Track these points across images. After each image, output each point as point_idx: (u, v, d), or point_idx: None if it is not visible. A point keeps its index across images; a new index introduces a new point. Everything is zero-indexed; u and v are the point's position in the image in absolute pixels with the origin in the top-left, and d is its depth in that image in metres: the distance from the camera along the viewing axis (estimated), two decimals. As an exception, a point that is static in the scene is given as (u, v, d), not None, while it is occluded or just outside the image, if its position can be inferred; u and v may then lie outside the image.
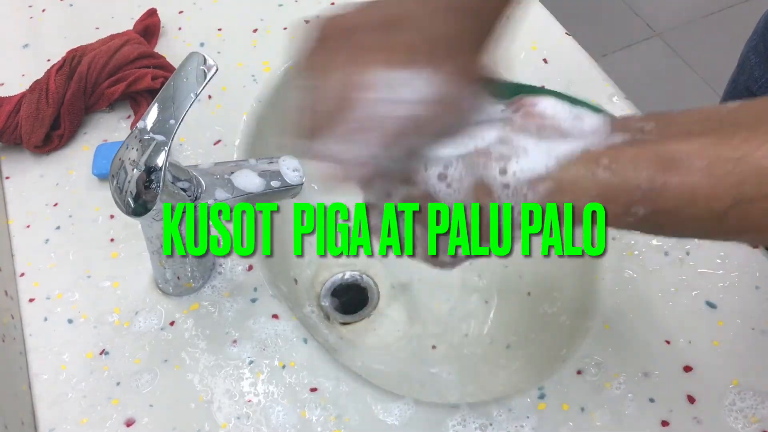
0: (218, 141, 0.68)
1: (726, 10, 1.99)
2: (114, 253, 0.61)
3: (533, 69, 0.72)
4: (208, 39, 0.76)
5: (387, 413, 0.52)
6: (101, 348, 0.56)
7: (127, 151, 0.47)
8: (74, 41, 0.73)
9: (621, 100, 0.69)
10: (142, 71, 0.69)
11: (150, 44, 0.75)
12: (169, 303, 0.58)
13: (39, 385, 0.54)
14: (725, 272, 0.58)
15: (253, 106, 0.71)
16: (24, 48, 0.77)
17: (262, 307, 0.58)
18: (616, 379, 0.53)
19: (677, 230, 0.34)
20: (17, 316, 0.58)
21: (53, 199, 0.65)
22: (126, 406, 0.53)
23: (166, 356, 0.55)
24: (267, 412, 0.53)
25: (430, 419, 0.52)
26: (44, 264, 0.61)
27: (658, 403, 0.52)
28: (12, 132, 0.67)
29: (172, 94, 0.47)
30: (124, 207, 0.48)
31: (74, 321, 0.58)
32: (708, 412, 0.51)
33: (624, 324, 0.56)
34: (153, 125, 0.47)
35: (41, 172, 0.67)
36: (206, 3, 0.80)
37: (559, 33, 0.76)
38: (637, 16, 2.01)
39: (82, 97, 0.68)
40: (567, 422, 0.51)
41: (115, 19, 0.78)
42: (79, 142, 0.69)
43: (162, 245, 0.54)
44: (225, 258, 0.60)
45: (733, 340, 0.54)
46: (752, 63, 0.72)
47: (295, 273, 0.71)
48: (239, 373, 0.55)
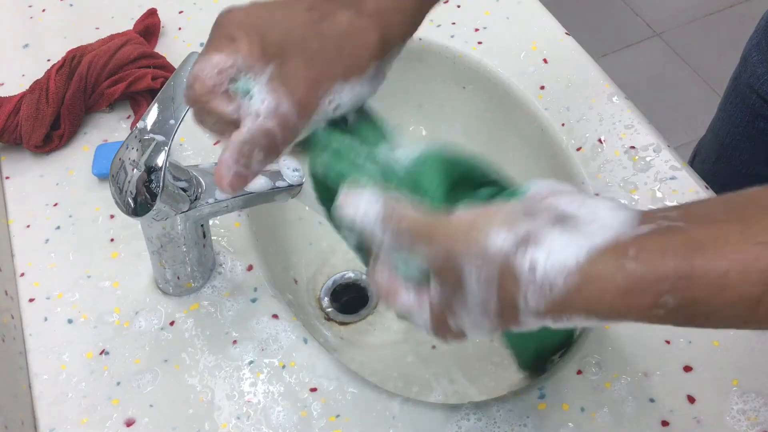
0: (218, 141, 0.68)
1: (726, 10, 1.99)
2: (114, 253, 0.61)
3: (533, 69, 0.72)
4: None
5: (387, 413, 0.52)
6: (101, 348, 0.56)
7: (127, 151, 0.47)
8: (74, 41, 0.73)
9: (621, 100, 0.69)
10: (142, 71, 0.69)
11: (150, 44, 0.75)
12: (169, 303, 0.58)
13: (39, 385, 0.54)
14: (725, 272, 0.58)
15: (253, 106, 0.71)
16: (24, 48, 0.77)
17: (262, 307, 0.58)
18: (616, 379, 0.53)
19: (709, 320, 0.32)
20: (17, 316, 0.58)
21: (53, 199, 0.65)
22: (126, 406, 0.53)
23: (166, 356, 0.55)
24: (267, 412, 0.53)
25: (431, 419, 0.52)
26: (44, 264, 0.61)
27: (658, 403, 0.52)
28: (12, 132, 0.67)
29: (172, 94, 0.47)
30: (124, 207, 0.48)
31: (74, 321, 0.58)
32: (708, 412, 0.51)
33: (624, 324, 0.56)
34: (153, 125, 0.47)
35: (41, 172, 0.67)
36: (206, 3, 0.80)
37: (559, 33, 0.76)
38: (637, 16, 2.01)
39: (82, 97, 0.68)
40: (567, 422, 0.51)
41: (115, 19, 0.78)
42: (79, 142, 0.69)
43: (162, 245, 0.54)
44: (225, 258, 0.61)
45: (733, 340, 0.54)
46: (754, 61, 0.72)
47: (295, 273, 0.71)
48: (239, 373, 0.55)
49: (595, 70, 0.72)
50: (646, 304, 0.32)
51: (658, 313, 0.32)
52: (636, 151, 0.66)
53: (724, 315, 0.31)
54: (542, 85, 0.71)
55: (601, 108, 0.69)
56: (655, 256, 0.32)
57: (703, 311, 0.32)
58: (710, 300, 0.31)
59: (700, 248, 0.31)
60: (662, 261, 0.32)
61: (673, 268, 0.31)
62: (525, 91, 0.71)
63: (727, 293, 0.30)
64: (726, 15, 1.98)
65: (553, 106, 0.69)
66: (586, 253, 0.33)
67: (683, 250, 0.31)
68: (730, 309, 0.31)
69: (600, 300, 0.33)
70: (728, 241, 0.31)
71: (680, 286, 0.31)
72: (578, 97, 0.70)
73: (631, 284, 0.32)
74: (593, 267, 0.33)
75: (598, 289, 0.33)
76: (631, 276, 0.32)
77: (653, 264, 0.32)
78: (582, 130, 0.68)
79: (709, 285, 0.31)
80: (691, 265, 0.31)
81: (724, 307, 0.31)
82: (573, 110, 0.69)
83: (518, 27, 0.76)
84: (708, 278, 0.31)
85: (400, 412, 0.52)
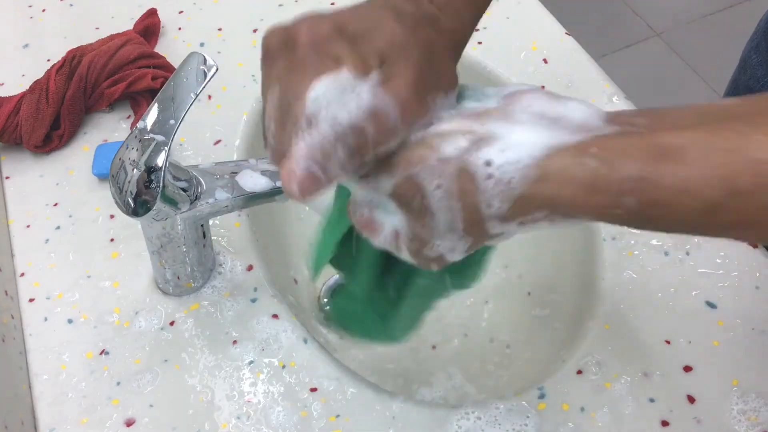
0: (218, 141, 0.68)
1: (726, 10, 1.99)
2: (114, 253, 0.61)
3: (533, 69, 0.72)
4: (208, 39, 0.76)
5: (387, 413, 0.52)
6: (101, 348, 0.56)
7: (127, 151, 0.47)
8: (74, 41, 0.73)
9: (621, 100, 0.69)
10: (142, 71, 0.69)
11: (150, 44, 0.75)
12: (169, 303, 0.58)
13: (39, 385, 0.54)
14: (725, 272, 0.58)
15: (253, 106, 0.71)
16: (24, 48, 0.77)
17: (262, 307, 0.58)
18: (616, 379, 0.53)
19: (669, 224, 0.33)
20: (17, 316, 0.58)
21: (53, 199, 0.65)
22: (126, 406, 0.53)
23: (166, 356, 0.55)
24: (267, 412, 0.53)
25: (431, 419, 0.52)
26: (44, 264, 0.61)
27: (658, 403, 0.52)
28: (12, 132, 0.67)
29: (172, 94, 0.47)
30: (124, 207, 0.48)
31: (74, 321, 0.58)
32: (708, 412, 0.51)
33: (624, 324, 0.56)
34: (153, 125, 0.47)
35: (41, 172, 0.67)
36: (206, 3, 0.80)
37: (559, 33, 0.76)
38: (637, 16, 2.01)
39: (82, 97, 0.68)
40: (567, 422, 0.51)
41: (115, 19, 0.78)
42: (79, 142, 0.69)
43: (162, 245, 0.54)
44: (225, 258, 0.61)
45: (733, 340, 0.54)
46: (754, 62, 0.72)
47: (295, 273, 0.71)
48: (239, 373, 0.55)
49: (595, 70, 0.72)
50: (607, 203, 0.33)
51: (617, 212, 0.33)
52: (636, 151, 0.66)
53: (683, 219, 0.32)
54: (542, 85, 0.71)
55: (601, 108, 0.69)
56: (617, 156, 0.32)
57: (662, 214, 0.32)
58: (670, 204, 0.31)
59: (663, 152, 0.32)
60: (625, 162, 0.32)
61: (636, 168, 0.32)
62: (525, 91, 0.71)
63: (687, 199, 0.31)
64: (726, 15, 1.98)
65: (553, 106, 0.69)
66: (545, 148, 0.34)
67: (647, 154, 0.32)
68: (690, 215, 0.31)
69: (560, 194, 0.33)
70: (693, 147, 0.31)
71: (641, 187, 0.32)
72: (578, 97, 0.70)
73: (591, 181, 0.32)
74: (552, 162, 0.33)
75: (558, 182, 0.33)
76: (593, 173, 0.32)
77: (616, 164, 0.32)
78: (582, 130, 0.67)
79: (670, 189, 0.31)
80: (654, 168, 0.31)
81: (684, 213, 0.31)
82: (573, 110, 0.69)
83: (518, 27, 0.76)
84: (669, 182, 0.31)
85: (400, 412, 0.52)
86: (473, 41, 0.75)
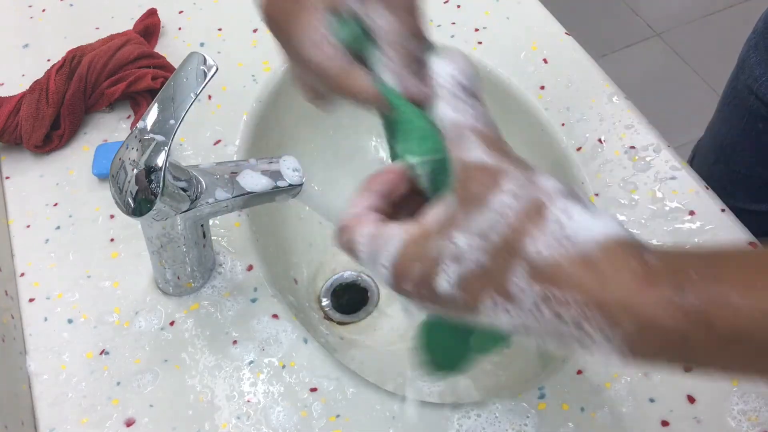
0: (218, 141, 0.68)
1: (726, 10, 1.99)
2: (114, 253, 0.61)
3: (533, 69, 0.72)
4: (208, 39, 0.76)
5: (387, 413, 0.52)
6: (101, 348, 0.56)
7: (127, 151, 0.47)
8: (74, 41, 0.73)
9: (621, 100, 0.69)
10: (142, 71, 0.70)
11: (150, 44, 0.75)
12: (169, 303, 0.58)
13: (39, 385, 0.54)
14: (725, 272, 0.58)
15: (253, 106, 0.71)
16: (24, 48, 0.77)
17: (262, 307, 0.58)
18: (616, 379, 0.53)
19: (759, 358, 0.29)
20: (17, 316, 0.58)
21: (53, 199, 0.65)
22: (126, 406, 0.53)
23: (166, 356, 0.55)
24: (267, 412, 0.53)
25: (431, 419, 0.52)
26: (44, 264, 0.61)
27: (658, 403, 0.52)
28: (12, 132, 0.67)
29: (172, 94, 0.47)
30: (124, 207, 0.48)
31: (74, 321, 0.58)
32: (708, 413, 0.51)
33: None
34: (153, 125, 0.47)
35: (41, 172, 0.67)
36: (206, 3, 0.80)
37: (559, 33, 0.76)
38: (637, 16, 2.01)
39: (82, 97, 0.68)
40: (567, 422, 0.51)
41: (115, 19, 0.78)
42: (79, 142, 0.69)
43: (162, 245, 0.54)
44: (225, 258, 0.61)
45: (733, 340, 0.54)
46: (752, 62, 0.72)
47: (295, 273, 0.71)
48: (239, 373, 0.55)
49: (595, 70, 0.72)
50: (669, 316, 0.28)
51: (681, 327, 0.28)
52: (636, 151, 0.66)
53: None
54: (542, 85, 0.71)
55: (601, 108, 0.69)
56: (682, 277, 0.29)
57: (751, 348, 0.27)
58: (759, 333, 0.27)
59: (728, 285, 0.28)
60: (689, 282, 0.29)
61: (704, 290, 0.28)
62: (525, 91, 0.71)
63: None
64: (726, 15, 1.98)
65: (553, 106, 0.69)
66: (613, 234, 0.32)
67: (710, 280, 0.28)
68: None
69: (616, 281, 0.30)
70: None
71: (714, 312, 0.28)
72: (578, 97, 0.70)
73: (649, 276, 0.29)
74: (615, 251, 0.31)
75: (615, 271, 0.30)
76: (650, 265, 0.30)
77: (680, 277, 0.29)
78: (582, 130, 0.68)
79: (756, 314, 0.26)
80: (727, 291, 0.27)
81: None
82: (573, 110, 0.69)
83: (518, 27, 0.76)
84: (753, 307, 0.27)
85: (401, 412, 0.52)
86: (473, 41, 0.75)
